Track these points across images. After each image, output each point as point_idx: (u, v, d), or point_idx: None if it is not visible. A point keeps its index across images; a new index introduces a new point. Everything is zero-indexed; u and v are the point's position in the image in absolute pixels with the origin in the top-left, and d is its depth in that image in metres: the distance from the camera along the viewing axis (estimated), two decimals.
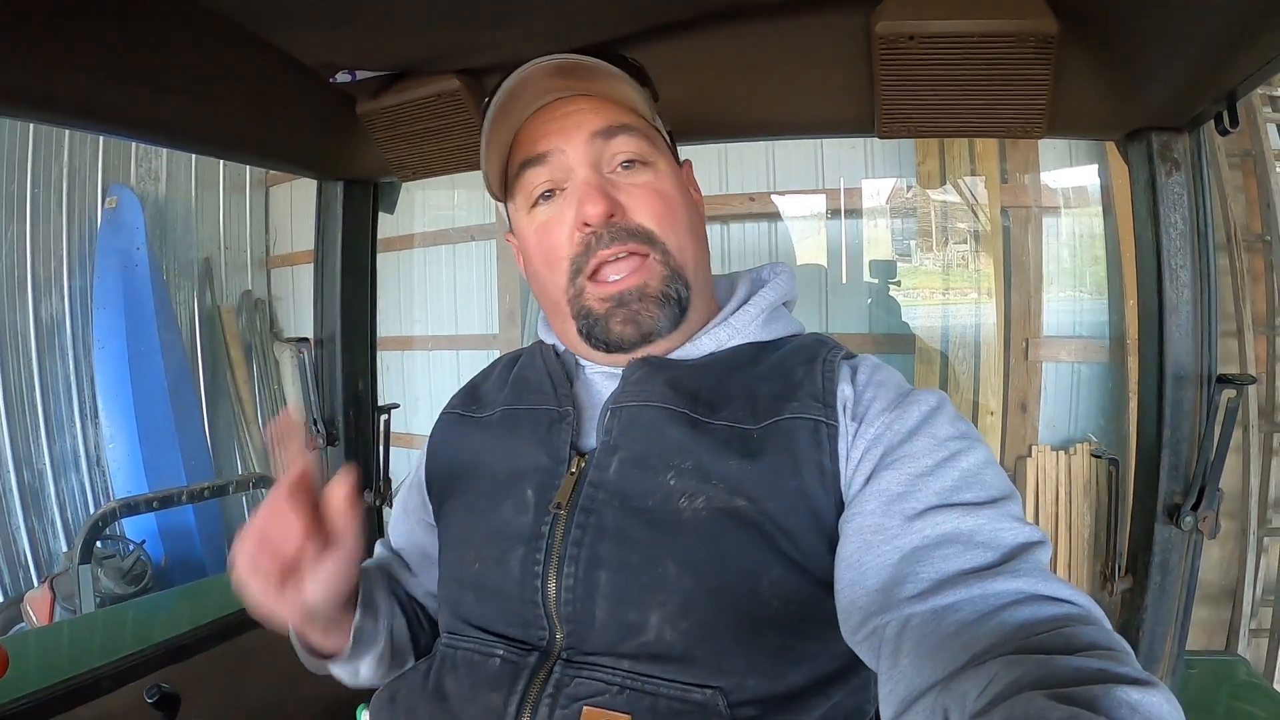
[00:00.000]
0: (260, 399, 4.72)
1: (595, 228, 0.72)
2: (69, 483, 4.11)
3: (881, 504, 0.63)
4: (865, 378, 0.73)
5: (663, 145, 0.79)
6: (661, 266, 0.74)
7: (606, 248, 0.72)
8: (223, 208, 4.79)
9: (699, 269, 0.78)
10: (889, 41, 0.84)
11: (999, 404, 2.97)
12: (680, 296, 0.75)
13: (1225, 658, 1.45)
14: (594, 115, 0.74)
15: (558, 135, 0.74)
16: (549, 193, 0.75)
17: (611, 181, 0.74)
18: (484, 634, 0.73)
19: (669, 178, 0.77)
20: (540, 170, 0.75)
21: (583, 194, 0.72)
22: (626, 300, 0.73)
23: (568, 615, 0.68)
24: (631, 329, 0.74)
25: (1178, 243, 0.92)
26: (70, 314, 4.11)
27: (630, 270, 0.73)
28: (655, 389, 0.73)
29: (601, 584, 0.67)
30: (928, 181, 3.07)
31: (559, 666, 0.67)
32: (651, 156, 0.76)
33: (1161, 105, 0.87)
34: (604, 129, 0.74)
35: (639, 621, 0.65)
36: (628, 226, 0.73)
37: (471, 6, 0.87)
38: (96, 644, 1.52)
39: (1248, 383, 0.92)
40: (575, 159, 0.74)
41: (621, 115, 0.75)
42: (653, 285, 0.74)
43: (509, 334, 3.92)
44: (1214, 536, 0.95)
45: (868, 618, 0.59)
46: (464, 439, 0.85)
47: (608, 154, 0.74)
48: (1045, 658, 0.46)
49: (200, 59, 0.91)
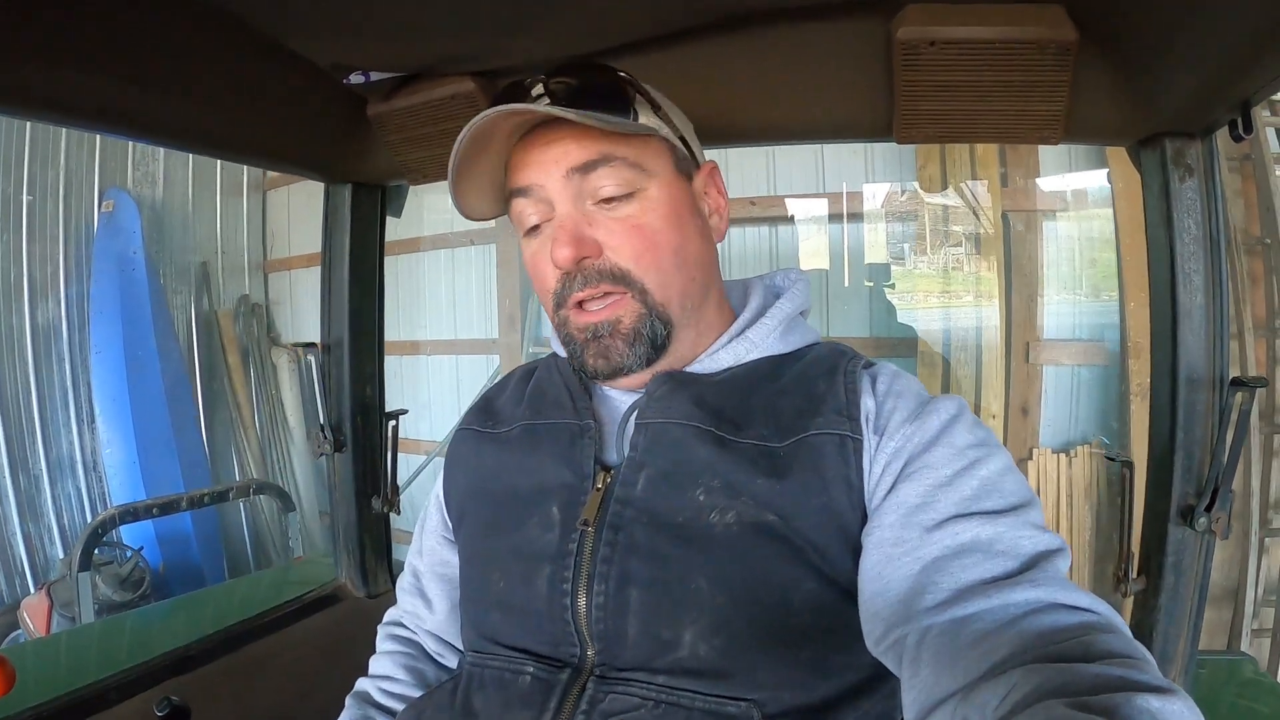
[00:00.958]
0: (258, 404, 4.70)
1: (566, 270, 0.72)
2: (66, 488, 4.09)
3: (901, 516, 0.63)
4: (884, 387, 0.72)
5: (662, 162, 0.75)
6: (638, 304, 0.73)
7: (581, 289, 0.72)
8: (220, 212, 4.77)
9: (689, 299, 0.76)
10: (910, 47, 0.85)
11: (1000, 407, 2.98)
12: (656, 335, 0.74)
13: (1233, 657, 1.46)
14: (575, 146, 0.71)
15: (537, 168, 0.73)
16: (536, 225, 0.75)
17: (591, 217, 0.72)
18: (513, 651, 0.72)
19: (658, 206, 0.74)
20: (526, 202, 0.74)
21: (555, 236, 0.72)
22: (600, 334, 0.73)
23: (599, 633, 0.67)
24: (602, 363, 0.74)
25: (1191, 247, 0.93)
26: (67, 319, 4.08)
27: (606, 305, 0.73)
28: (680, 406, 0.73)
29: (633, 601, 0.67)
30: (929, 185, 3.08)
31: (592, 683, 0.67)
32: (639, 183, 0.73)
33: (1176, 112, 0.88)
34: (582, 164, 0.71)
35: (672, 638, 0.65)
36: (601, 268, 0.72)
37: (488, 11, 0.87)
38: (112, 653, 1.51)
39: (1260, 385, 0.92)
40: (554, 194, 0.72)
41: (604, 143, 0.72)
42: (626, 323, 0.73)
43: (509, 339, 3.92)
44: (1227, 537, 0.95)
45: (890, 629, 0.60)
46: (482, 456, 0.84)
47: (588, 188, 0.72)
48: (1065, 666, 0.46)
49: (210, 60, 0.91)
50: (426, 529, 0.94)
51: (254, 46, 0.92)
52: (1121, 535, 1.02)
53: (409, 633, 0.95)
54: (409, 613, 0.94)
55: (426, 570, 0.93)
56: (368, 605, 1.41)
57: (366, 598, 1.42)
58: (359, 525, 1.40)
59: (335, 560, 1.46)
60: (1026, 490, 0.65)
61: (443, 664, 0.93)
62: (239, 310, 4.75)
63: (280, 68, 0.98)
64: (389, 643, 0.94)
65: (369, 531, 1.41)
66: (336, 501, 1.41)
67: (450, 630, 0.91)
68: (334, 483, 1.41)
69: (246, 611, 1.32)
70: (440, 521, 0.91)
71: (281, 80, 1.00)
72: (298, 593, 1.41)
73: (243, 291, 4.84)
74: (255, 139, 1.11)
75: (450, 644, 0.92)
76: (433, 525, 0.93)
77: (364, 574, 1.42)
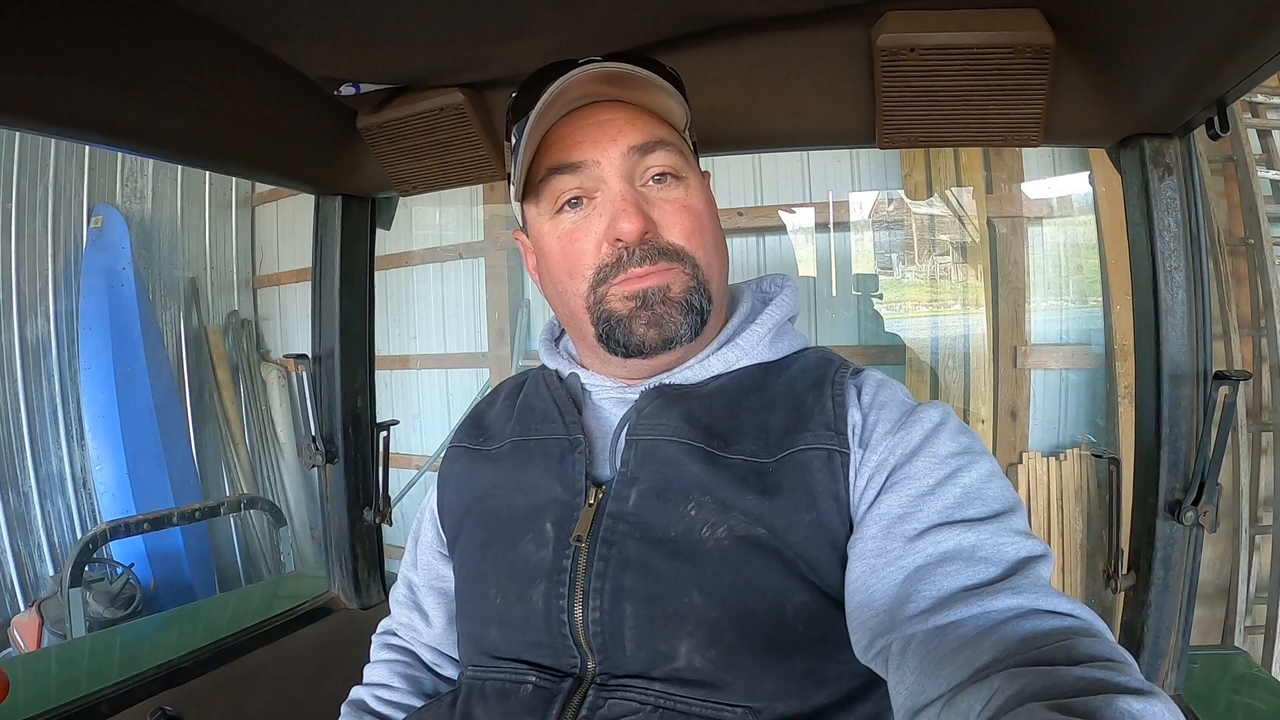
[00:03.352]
0: (247, 419, 4.68)
1: (628, 244, 0.71)
2: (55, 505, 4.06)
3: (883, 527, 0.64)
4: (869, 398, 0.73)
5: (693, 159, 0.78)
6: (688, 277, 0.73)
7: (639, 265, 0.71)
8: (209, 227, 4.77)
9: (721, 285, 0.78)
10: (890, 54, 0.86)
11: (989, 412, 3.00)
12: (702, 308, 0.74)
13: (1226, 652, 1.47)
14: (631, 128, 0.72)
15: (592, 146, 0.72)
16: (576, 200, 0.74)
17: (644, 195, 0.73)
18: (514, 663, 0.73)
19: (699, 193, 0.76)
20: (570, 178, 0.73)
21: (618, 209, 0.71)
22: (650, 301, 0.72)
23: (598, 645, 0.68)
24: (655, 332, 0.72)
25: (1171, 245, 0.94)
26: (56, 335, 4.06)
27: (655, 270, 0.72)
28: (671, 422, 0.73)
29: (628, 616, 0.67)
30: (915, 193, 3.10)
31: (593, 690, 0.67)
32: (684, 171, 0.75)
33: (1154, 112, 0.89)
34: (641, 144, 0.72)
35: (668, 650, 0.66)
36: (659, 245, 0.72)
37: (479, 21, 0.87)
38: (103, 667, 1.50)
39: (1243, 379, 0.94)
40: (609, 172, 0.72)
41: (658, 129, 0.74)
42: (675, 290, 0.72)
43: (499, 352, 3.92)
44: (1215, 530, 0.96)
45: (875, 637, 0.60)
46: (474, 473, 0.84)
47: (641, 168, 0.73)
48: (1047, 669, 0.46)
49: (200, 72, 0.91)
50: (421, 543, 0.94)
51: (244, 58, 0.92)
52: (1110, 532, 1.03)
53: (404, 642, 0.95)
54: (404, 624, 0.94)
55: (422, 584, 0.92)
56: (360, 616, 1.41)
57: (359, 609, 1.42)
58: (351, 536, 1.39)
59: (327, 572, 1.45)
60: (1010, 496, 0.65)
61: (439, 673, 0.93)
62: (228, 326, 4.74)
63: (271, 79, 0.98)
64: (384, 651, 0.94)
65: (361, 543, 1.41)
66: (328, 513, 1.41)
67: (447, 643, 0.91)
68: (326, 494, 1.40)
69: (239, 624, 1.31)
70: (435, 537, 0.91)
71: (272, 92, 1.01)
72: (289, 605, 1.41)
73: (232, 307, 4.83)
74: (246, 151, 1.11)
75: (447, 655, 0.92)
76: (427, 540, 0.93)
77: (356, 585, 1.41)
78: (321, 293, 1.34)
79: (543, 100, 0.69)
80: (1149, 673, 1.00)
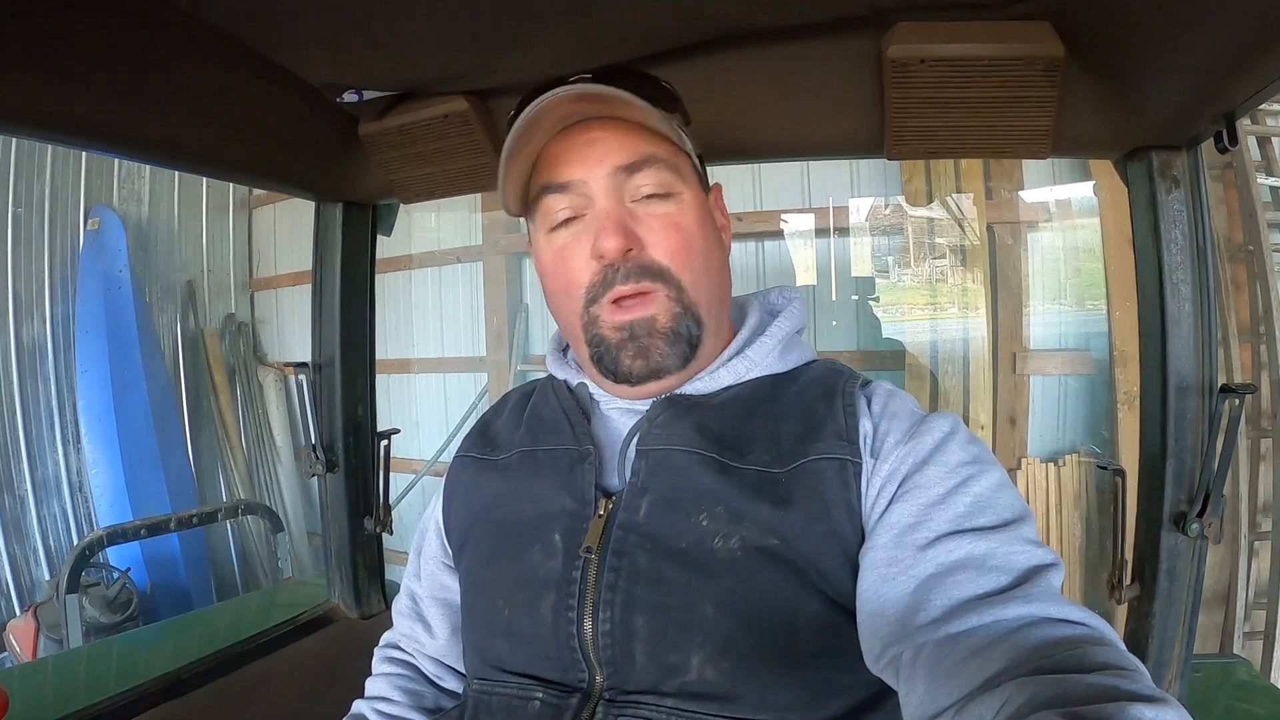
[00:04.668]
0: (244, 424, 4.66)
1: (612, 261, 0.71)
2: (51, 509, 4.04)
3: (895, 536, 0.64)
4: (880, 408, 0.73)
5: (690, 172, 0.77)
6: (673, 303, 0.73)
7: (623, 284, 0.71)
8: (206, 230, 4.75)
9: (713, 304, 0.77)
10: (901, 65, 0.85)
11: (988, 418, 3.00)
12: (690, 334, 0.74)
13: (1227, 660, 1.48)
14: (619, 147, 0.72)
15: (579, 165, 0.73)
16: (568, 219, 0.74)
17: (632, 212, 0.73)
18: (521, 678, 0.72)
19: (691, 209, 0.75)
20: (560, 197, 0.74)
21: (600, 225, 0.71)
22: (637, 333, 0.72)
23: (607, 658, 0.67)
24: (641, 363, 0.73)
25: (1178, 257, 0.94)
26: (52, 338, 4.04)
27: (640, 303, 0.72)
28: (682, 432, 0.72)
29: (639, 627, 0.67)
30: (915, 199, 3.10)
31: (601, 707, 0.67)
32: (676, 187, 0.74)
33: (1162, 125, 0.90)
34: (628, 164, 0.72)
35: (679, 663, 0.65)
36: (642, 262, 0.72)
37: (484, 29, 0.87)
38: (101, 679, 1.49)
39: (1249, 392, 0.94)
40: (597, 191, 0.72)
41: (646, 145, 0.73)
42: (662, 321, 0.72)
43: (497, 356, 3.90)
44: (1219, 542, 0.97)
45: (886, 647, 0.60)
46: (481, 483, 0.84)
47: (630, 186, 0.73)
48: (1059, 677, 0.46)
49: (202, 78, 0.90)
50: (425, 554, 0.93)
51: (247, 65, 0.92)
52: (1115, 542, 1.03)
53: (406, 655, 0.94)
54: (407, 636, 0.93)
55: (426, 595, 0.92)
56: (361, 626, 1.40)
57: (360, 619, 1.41)
58: (351, 546, 1.39)
59: (327, 581, 1.44)
60: (1020, 505, 0.65)
61: (441, 686, 0.92)
62: (225, 329, 4.73)
63: (272, 86, 0.98)
64: (385, 665, 0.93)
65: (361, 552, 1.40)
66: (328, 522, 1.40)
67: (451, 654, 0.90)
68: (326, 503, 1.39)
69: (238, 634, 1.30)
70: (440, 548, 0.91)
71: (274, 98, 1.00)
72: (288, 615, 1.39)
73: (229, 310, 4.82)
74: (247, 157, 1.10)
75: (451, 667, 0.92)
76: (431, 551, 0.92)
77: (357, 595, 1.41)
78: (322, 300, 1.34)
79: (520, 121, 0.70)
80: (1153, 683, 0.99)
